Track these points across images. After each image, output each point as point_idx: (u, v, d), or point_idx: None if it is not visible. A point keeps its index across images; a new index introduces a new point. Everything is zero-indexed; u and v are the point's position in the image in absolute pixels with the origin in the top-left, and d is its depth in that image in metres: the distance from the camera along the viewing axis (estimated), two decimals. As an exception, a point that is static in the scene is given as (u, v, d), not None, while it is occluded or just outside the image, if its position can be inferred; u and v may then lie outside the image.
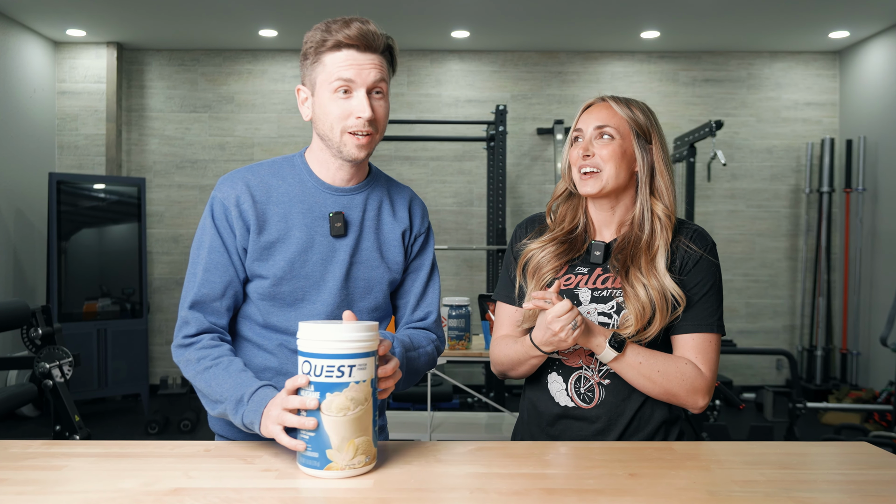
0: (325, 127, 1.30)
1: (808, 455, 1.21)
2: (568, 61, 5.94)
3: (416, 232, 1.44)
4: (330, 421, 1.04)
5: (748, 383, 5.84)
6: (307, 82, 1.33)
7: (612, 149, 1.35)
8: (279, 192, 1.34)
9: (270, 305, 1.33)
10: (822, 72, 5.93)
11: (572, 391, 1.37)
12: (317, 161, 1.37)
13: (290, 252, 1.32)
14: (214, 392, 1.23)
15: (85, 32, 5.51)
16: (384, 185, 1.43)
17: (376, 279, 1.37)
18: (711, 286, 1.34)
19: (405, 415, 3.57)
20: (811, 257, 5.84)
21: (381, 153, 5.88)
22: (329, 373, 1.04)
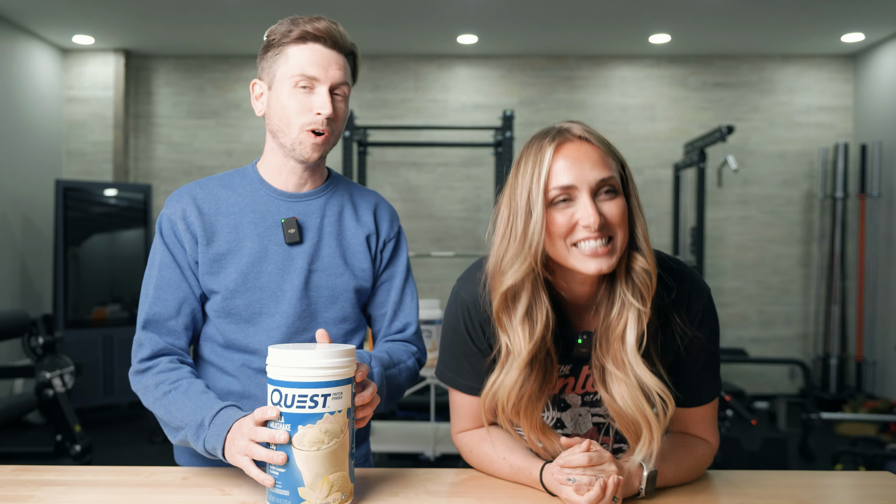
0: (280, 122, 1.23)
1: (829, 487, 1.14)
2: (576, 66, 5.88)
3: (385, 237, 1.35)
4: (302, 456, 0.96)
5: (761, 392, 5.73)
6: (265, 76, 1.26)
7: (621, 207, 1.03)
8: (228, 203, 1.28)
9: (227, 322, 1.26)
10: (835, 75, 5.83)
11: None
12: (269, 168, 1.30)
13: (242, 263, 1.25)
14: (174, 418, 1.15)
15: (93, 39, 5.51)
16: (345, 190, 1.35)
17: (341, 287, 1.29)
18: (713, 351, 1.14)
19: (410, 426, 3.51)
20: (825, 264, 5.73)
21: (387, 159, 5.84)
22: (301, 403, 0.96)
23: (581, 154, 1.03)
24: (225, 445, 1.06)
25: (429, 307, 2.98)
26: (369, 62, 5.79)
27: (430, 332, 2.93)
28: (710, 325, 1.12)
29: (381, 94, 5.86)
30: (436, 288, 5.83)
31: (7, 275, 5.08)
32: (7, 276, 5.08)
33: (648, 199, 5.82)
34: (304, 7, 4.68)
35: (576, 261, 1.02)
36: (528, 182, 1.04)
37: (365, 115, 5.76)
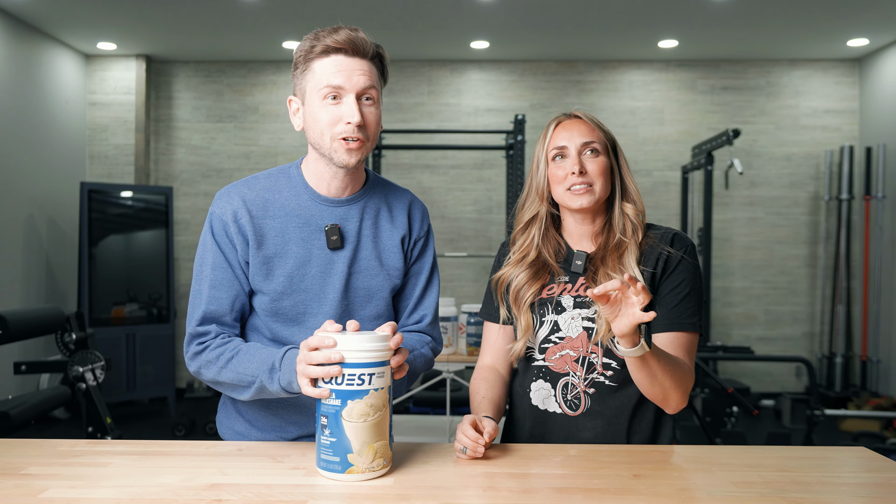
0: (315, 135, 1.30)
1: (807, 459, 1.27)
2: (586, 70, 6.00)
3: (416, 236, 1.45)
4: (351, 426, 1.11)
5: (767, 390, 5.84)
6: (297, 92, 1.33)
7: (602, 163, 1.41)
8: (275, 206, 1.36)
9: (274, 321, 1.36)
10: (841, 79, 5.93)
11: (560, 398, 1.41)
12: (312, 172, 1.37)
13: (289, 267, 1.34)
14: (244, 376, 1.26)
15: (115, 45, 5.69)
16: (381, 192, 1.44)
17: (376, 287, 1.39)
18: (693, 287, 1.39)
19: (425, 419, 3.65)
20: (830, 264, 5.83)
21: (401, 162, 5.98)
22: (350, 381, 1.11)
23: (573, 126, 1.45)
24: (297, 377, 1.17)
25: (445, 304, 3.11)
26: (383, 67, 5.92)
27: (446, 328, 3.07)
28: (691, 264, 1.41)
29: (395, 98, 6.00)
30: (448, 287, 5.97)
31: (34, 274, 5.26)
32: (34, 275, 5.26)
33: (657, 201, 5.94)
34: (320, 13, 4.83)
35: (568, 199, 1.43)
36: (538, 149, 1.48)
37: (379, 119, 5.88)
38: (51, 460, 1.22)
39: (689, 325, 1.38)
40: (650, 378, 1.28)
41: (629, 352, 1.22)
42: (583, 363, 1.40)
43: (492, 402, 1.43)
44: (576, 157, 1.41)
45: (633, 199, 1.45)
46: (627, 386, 1.39)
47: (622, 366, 1.39)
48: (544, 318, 1.44)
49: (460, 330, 3.12)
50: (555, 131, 1.45)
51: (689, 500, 1.04)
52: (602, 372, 1.40)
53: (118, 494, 1.06)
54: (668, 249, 1.41)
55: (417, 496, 1.06)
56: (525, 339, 1.43)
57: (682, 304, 1.38)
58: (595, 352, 1.40)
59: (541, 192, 1.47)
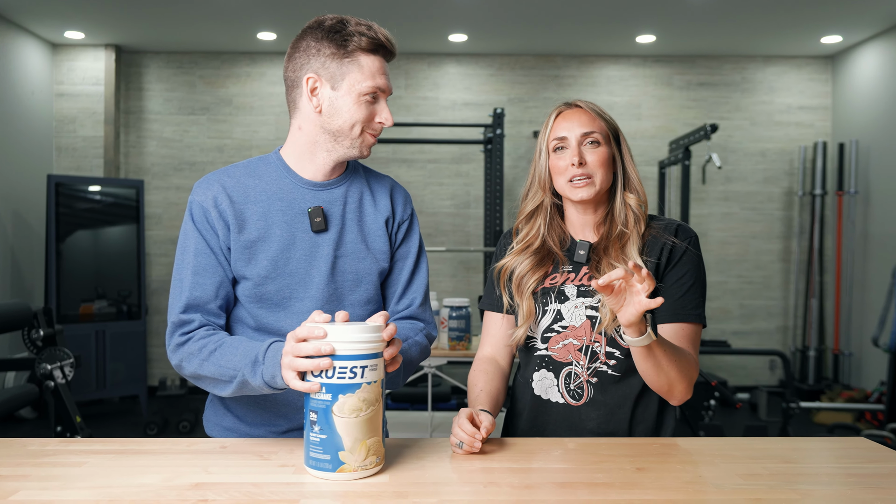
0: (341, 123, 1.30)
1: (809, 450, 1.25)
2: (564, 65, 5.99)
3: (400, 219, 1.44)
4: (342, 422, 1.05)
5: (742, 383, 5.89)
6: (326, 74, 1.29)
7: (602, 154, 1.39)
8: (256, 191, 1.33)
9: (259, 307, 1.32)
10: (814, 76, 6.00)
11: (563, 387, 1.39)
12: (296, 157, 1.36)
13: (272, 251, 1.31)
14: (226, 370, 1.21)
15: (83, 34, 5.52)
16: (363, 176, 1.43)
17: (364, 271, 1.37)
18: (696, 278, 1.37)
19: (405, 415, 3.60)
20: (804, 259, 5.90)
21: (378, 156, 5.91)
22: (342, 374, 1.05)
23: (573, 116, 1.42)
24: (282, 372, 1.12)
25: (426, 298, 3.07)
26: (360, 60, 5.84)
27: (428, 322, 3.02)
28: (695, 255, 1.39)
29: (371, 92, 5.91)
30: (426, 283, 5.91)
31: (-1, 269, 5.09)
32: (-1, 270, 5.09)
33: (634, 196, 5.94)
34: (296, 4, 4.73)
35: (569, 191, 1.41)
36: (540, 140, 1.45)
37: (356, 112, 5.81)
38: (21, 460, 1.15)
39: (693, 317, 1.36)
40: (656, 368, 1.25)
41: (635, 341, 1.20)
42: (586, 352, 1.37)
43: (490, 395, 1.39)
44: (576, 147, 1.39)
45: (635, 189, 1.44)
46: (631, 376, 1.37)
47: (626, 355, 1.36)
48: (547, 308, 1.42)
49: (442, 324, 3.08)
50: (555, 122, 1.43)
51: (698, 493, 1.01)
52: (605, 361, 1.37)
53: (95, 496, 0.99)
54: (672, 240, 1.39)
55: (415, 493, 1.01)
56: (526, 326, 1.41)
57: (687, 296, 1.37)
58: (598, 341, 1.37)
59: (543, 182, 1.45)
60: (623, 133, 1.47)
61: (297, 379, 1.08)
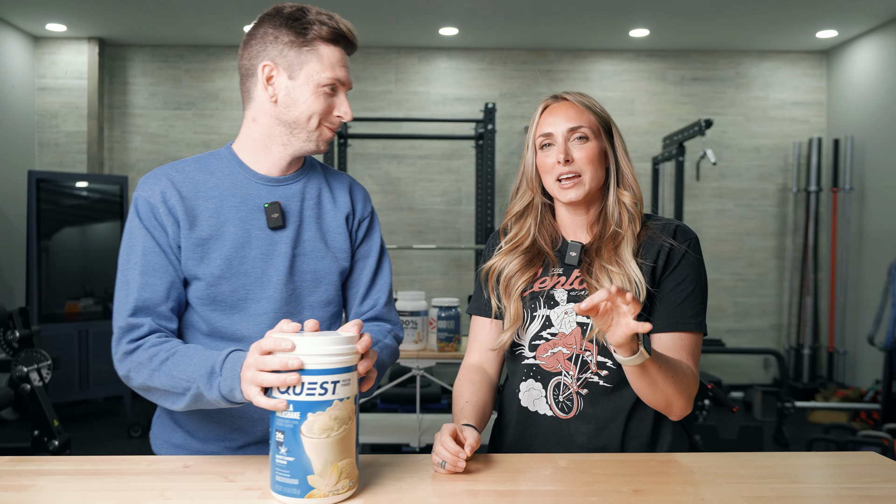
0: (297, 114, 1.23)
1: (817, 467, 1.17)
2: (556, 59, 5.90)
3: (360, 216, 1.38)
4: (312, 443, 0.95)
5: (736, 382, 5.83)
6: (283, 63, 1.22)
7: (590, 150, 1.30)
8: (208, 186, 1.25)
9: (212, 310, 1.24)
10: (809, 71, 5.93)
11: (551, 399, 1.30)
12: (250, 151, 1.29)
13: (226, 249, 1.23)
14: (179, 381, 1.11)
15: (65, 27, 5.39)
16: (321, 173, 1.37)
17: (324, 270, 1.31)
18: (696, 284, 1.29)
19: (394, 417, 3.51)
20: (798, 256, 5.84)
21: (368, 151, 5.81)
22: (311, 390, 0.95)
23: (560, 110, 1.33)
24: (241, 384, 1.03)
25: (414, 298, 2.97)
26: (349, 53, 5.74)
27: (416, 323, 2.93)
28: (695, 259, 1.30)
29: (361, 86, 5.82)
30: (417, 280, 5.83)
31: (-22, 268, 4.96)
32: (-22, 268, 4.96)
33: (627, 193, 5.86)
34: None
35: (557, 192, 1.32)
36: (527, 136, 1.37)
37: (345, 107, 5.71)
38: (-35, 482, 1.05)
39: (692, 325, 1.27)
40: (651, 386, 1.17)
41: (627, 360, 1.11)
42: (576, 362, 1.28)
43: (476, 406, 1.30)
44: (562, 144, 1.30)
45: (629, 186, 1.34)
46: (624, 387, 1.28)
47: (618, 365, 1.26)
48: (535, 313, 1.32)
49: (430, 325, 2.99)
50: (541, 117, 1.34)
51: (699, 519, 0.93)
52: (596, 371, 1.28)
53: (39, 525, 0.90)
54: (670, 242, 1.30)
55: (391, 520, 0.92)
56: (513, 330, 1.32)
57: (686, 303, 1.28)
58: (589, 349, 1.28)
59: (530, 181, 1.37)
60: (617, 126, 1.37)
61: (260, 395, 0.99)
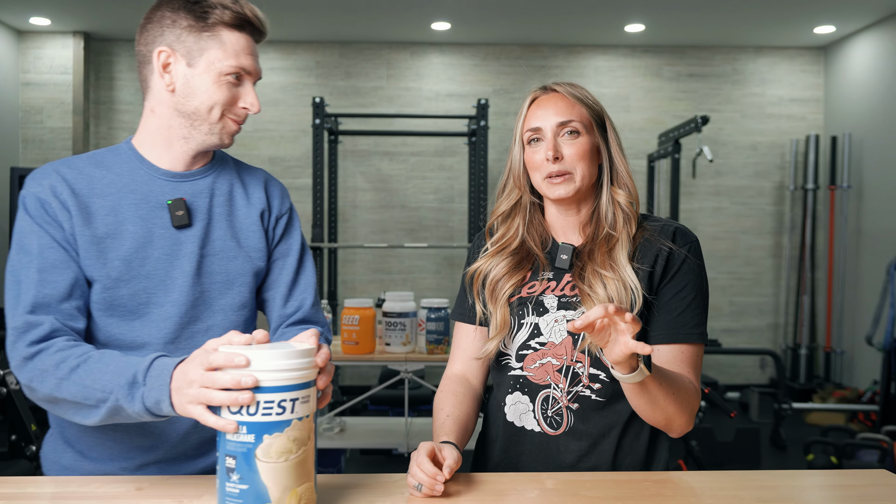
0: (198, 105, 1.15)
1: (825, 488, 1.09)
2: (551, 55, 5.81)
3: (278, 213, 1.29)
4: (269, 468, 0.86)
5: (732, 382, 5.76)
6: (181, 48, 1.13)
7: (581, 146, 1.21)
8: (104, 183, 1.15)
9: (109, 316, 1.13)
10: (806, 67, 5.86)
11: (539, 414, 1.20)
12: (151, 145, 1.19)
13: (125, 249, 1.13)
14: (92, 391, 0.99)
15: (49, 21, 5.28)
16: (232, 167, 1.28)
17: (236, 271, 1.22)
18: (697, 291, 1.20)
19: (382, 422, 3.42)
20: (795, 255, 5.77)
21: (359, 148, 5.72)
22: (268, 410, 0.86)
23: (549, 103, 1.24)
24: (172, 396, 0.93)
25: (403, 299, 2.88)
26: (340, 49, 5.65)
27: (405, 325, 2.84)
28: (696, 264, 1.21)
29: (352, 82, 5.73)
30: (408, 280, 5.74)
31: (-40, 267, 4.85)
32: (-40, 267, 4.86)
33: (622, 190, 5.79)
34: (272, -10, 4.53)
35: (546, 189, 1.23)
36: (515, 130, 1.28)
37: (336, 103, 5.62)
38: None
39: (694, 336, 1.18)
40: (650, 404, 1.08)
41: (626, 378, 1.03)
42: (566, 374, 1.19)
43: (457, 421, 1.20)
44: (551, 139, 1.21)
45: (624, 184, 1.25)
46: (617, 402, 1.18)
47: (612, 378, 1.17)
48: (523, 321, 1.23)
49: (419, 327, 2.90)
50: (529, 109, 1.25)
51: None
52: (588, 385, 1.18)
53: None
54: (669, 245, 1.20)
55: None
56: (499, 338, 1.22)
57: (687, 312, 1.18)
58: (581, 361, 1.18)
59: (517, 178, 1.28)
60: (611, 120, 1.28)
61: (208, 413, 0.89)
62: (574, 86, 1.26)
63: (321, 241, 4.69)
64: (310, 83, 5.69)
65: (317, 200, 4.70)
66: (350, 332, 2.81)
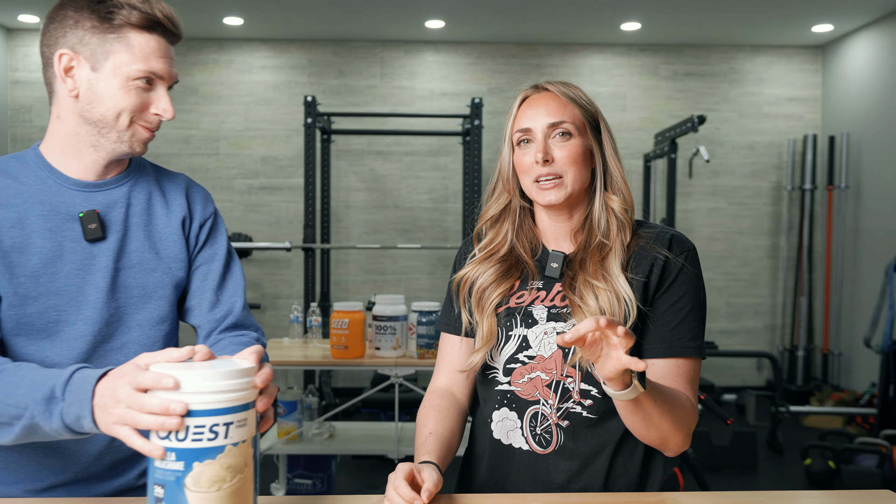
0: (104, 111, 1.08)
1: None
2: (546, 54, 5.75)
3: (201, 218, 1.24)
4: (200, 499, 0.79)
5: (728, 384, 5.72)
6: (85, 51, 1.07)
7: (573, 149, 1.15)
8: (8, 193, 1.09)
9: (16, 336, 1.07)
10: (804, 66, 5.81)
11: (527, 431, 1.15)
12: (59, 153, 1.13)
13: (32, 264, 1.07)
14: (5, 407, 0.92)
15: (38, 18, 5.21)
16: (151, 174, 1.22)
17: (154, 284, 1.16)
18: (695, 302, 1.15)
19: (373, 426, 3.37)
20: (793, 256, 5.72)
21: (352, 148, 5.65)
22: (198, 435, 0.79)
23: (540, 102, 1.18)
24: (94, 412, 0.87)
25: (393, 303, 2.82)
26: (333, 47, 5.59)
27: (395, 329, 2.78)
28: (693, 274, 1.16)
29: (345, 81, 5.66)
30: (402, 280, 5.68)
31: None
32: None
33: (618, 190, 5.73)
34: (263, -13, 4.47)
35: (535, 194, 1.18)
36: (504, 130, 1.22)
37: (329, 102, 5.56)
38: None
39: (691, 350, 1.12)
40: (645, 422, 1.02)
41: (619, 394, 0.97)
42: (556, 389, 1.13)
43: (440, 438, 1.14)
44: (542, 141, 1.15)
45: (619, 190, 1.19)
46: (609, 419, 1.13)
47: (604, 394, 1.11)
48: (511, 332, 1.17)
49: (410, 331, 2.84)
50: (520, 109, 1.20)
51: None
52: (579, 401, 1.12)
53: None
54: (665, 254, 1.15)
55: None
56: (485, 350, 1.17)
57: (683, 325, 1.12)
58: (571, 376, 1.13)
59: (507, 181, 1.22)
60: (606, 121, 1.22)
61: (135, 436, 0.83)
62: (567, 85, 1.20)
63: (313, 242, 4.63)
64: (302, 82, 5.63)
65: (309, 200, 4.64)
66: (339, 336, 2.76)
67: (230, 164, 5.64)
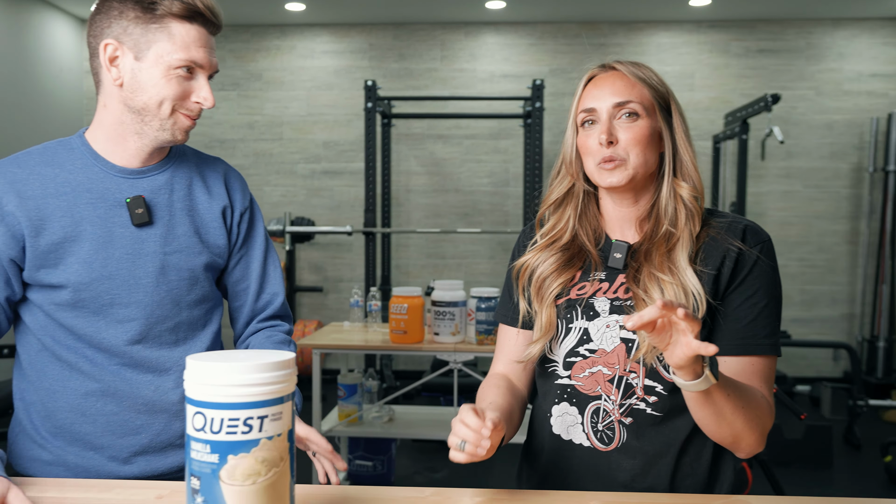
0: (148, 100, 1.11)
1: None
2: (610, 32, 5.59)
3: (241, 209, 1.28)
4: (234, 492, 0.78)
5: (802, 374, 5.48)
6: (129, 41, 1.09)
7: (639, 130, 1.09)
8: (57, 182, 1.12)
9: (72, 315, 1.13)
10: (889, 40, 5.45)
11: (588, 427, 1.10)
12: (106, 140, 1.16)
13: (85, 251, 1.12)
14: None
15: (110, 9, 5.38)
16: (192, 160, 1.25)
17: (200, 267, 1.21)
18: (770, 297, 1.07)
19: (432, 411, 3.36)
20: (874, 241, 5.42)
21: (412, 131, 5.64)
22: (232, 428, 0.78)
23: (606, 82, 1.13)
24: None
25: (451, 288, 2.80)
26: (394, 30, 5.57)
27: (454, 314, 2.76)
28: (769, 266, 1.09)
29: (405, 64, 5.64)
30: (462, 265, 5.66)
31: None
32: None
33: (685, 173, 5.55)
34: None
35: (597, 176, 1.12)
36: (569, 111, 1.19)
37: (389, 86, 5.56)
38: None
39: (766, 347, 1.05)
40: (716, 417, 0.96)
41: (689, 385, 0.91)
42: (619, 384, 1.08)
43: (500, 409, 1.10)
44: (606, 122, 1.10)
45: (689, 176, 1.12)
46: (676, 416, 1.07)
47: (669, 391, 1.06)
48: (571, 325, 1.13)
49: (469, 317, 2.82)
50: (585, 90, 1.15)
51: None
52: (643, 397, 1.07)
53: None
54: (738, 245, 1.07)
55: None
56: (544, 342, 1.12)
57: (758, 321, 1.05)
58: (635, 371, 1.07)
59: (569, 164, 1.18)
60: (678, 103, 1.15)
61: None
62: (638, 65, 1.14)
63: (374, 226, 4.66)
64: (363, 66, 5.64)
65: (370, 185, 4.66)
66: (398, 321, 2.75)
67: (293, 149, 5.71)
